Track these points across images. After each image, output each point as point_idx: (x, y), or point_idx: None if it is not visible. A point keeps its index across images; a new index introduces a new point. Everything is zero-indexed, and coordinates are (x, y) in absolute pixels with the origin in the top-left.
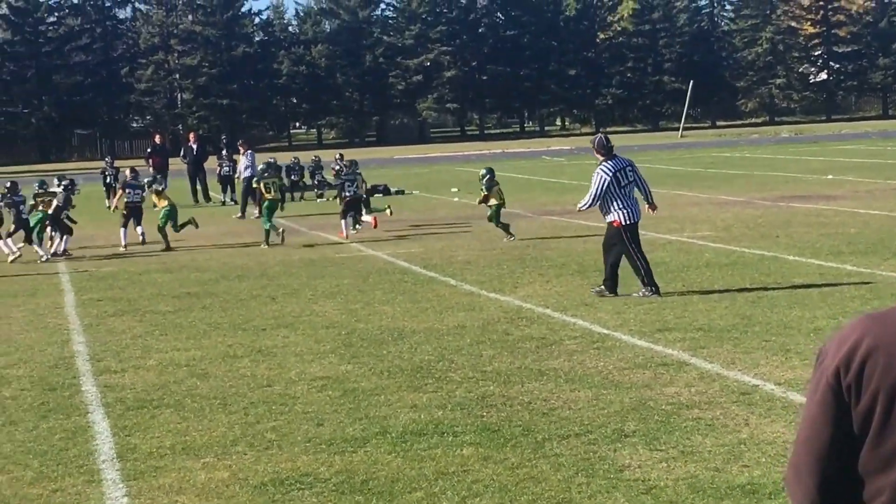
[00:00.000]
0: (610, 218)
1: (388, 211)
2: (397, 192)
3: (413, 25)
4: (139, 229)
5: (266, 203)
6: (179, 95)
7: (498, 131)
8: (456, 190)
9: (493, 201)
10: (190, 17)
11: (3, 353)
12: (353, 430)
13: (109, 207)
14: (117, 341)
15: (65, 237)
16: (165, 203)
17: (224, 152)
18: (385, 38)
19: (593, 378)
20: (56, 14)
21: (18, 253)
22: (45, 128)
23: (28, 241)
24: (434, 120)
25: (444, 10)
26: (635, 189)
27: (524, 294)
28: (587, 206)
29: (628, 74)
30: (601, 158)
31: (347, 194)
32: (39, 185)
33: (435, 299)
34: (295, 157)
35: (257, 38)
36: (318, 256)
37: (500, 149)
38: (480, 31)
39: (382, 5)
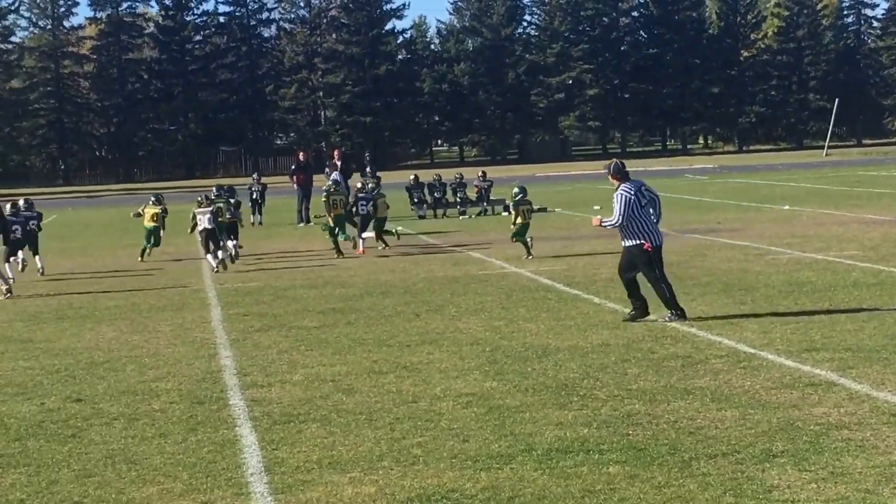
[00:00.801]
0: (636, 241)
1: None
2: (539, 210)
3: (555, 44)
4: (231, 243)
5: (334, 217)
6: (323, 113)
7: (640, 149)
8: (598, 208)
9: (518, 220)
10: (334, 35)
11: (151, 367)
12: (498, 446)
13: (253, 224)
14: (264, 356)
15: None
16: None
17: (368, 169)
18: (527, 55)
19: (740, 397)
20: (202, 33)
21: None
22: (191, 144)
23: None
24: (576, 137)
25: (587, 28)
26: (651, 213)
27: (668, 313)
28: (613, 224)
29: (772, 92)
30: (617, 183)
31: (362, 212)
32: (205, 198)
33: (578, 317)
34: (437, 175)
35: (400, 57)
36: (461, 273)
37: (642, 167)
38: (623, 48)
39: (525, 23)
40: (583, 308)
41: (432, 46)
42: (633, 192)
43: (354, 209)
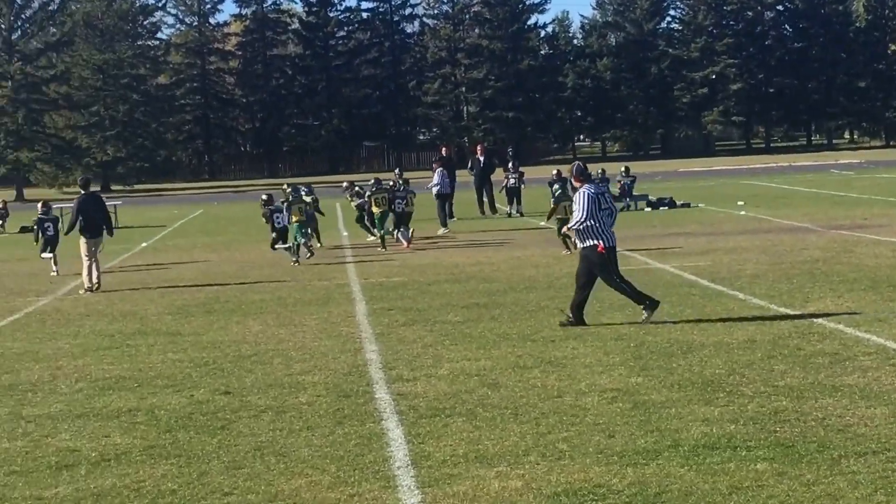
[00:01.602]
0: (591, 242)
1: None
2: (682, 205)
3: (699, 38)
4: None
5: (378, 216)
6: (465, 108)
7: (784, 144)
8: (742, 203)
9: (559, 215)
10: (477, 30)
11: (298, 360)
12: (644, 442)
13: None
14: (408, 350)
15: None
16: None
17: (511, 164)
18: (670, 50)
19: (890, 395)
20: (346, 29)
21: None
22: (335, 140)
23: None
24: (719, 133)
25: (731, 23)
26: (611, 219)
27: (815, 309)
28: (580, 222)
29: None
30: (578, 185)
31: (398, 210)
32: (293, 191)
33: (723, 313)
34: None
35: (542, 52)
36: None
37: (786, 162)
38: (767, 43)
39: (668, 18)
40: (727, 304)
41: (575, 41)
42: (595, 194)
43: (392, 207)
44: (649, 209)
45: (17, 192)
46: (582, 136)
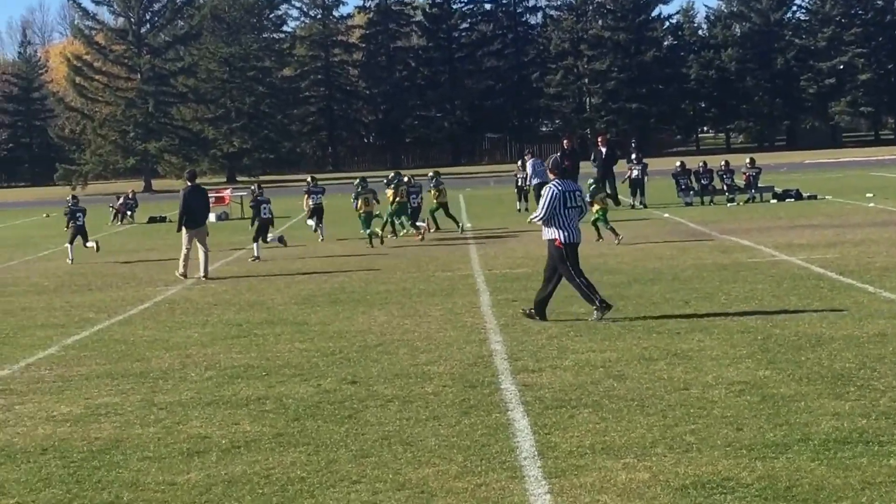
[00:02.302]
0: (550, 236)
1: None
2: (809, 197)
3: (826, 28)
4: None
5: (396, 207)
6: (588, 100)
7: None
8: (871, 195)
9: (596, 207)
10: (600, 22)
11: (424, 350)
12: (773, 435)
13: (519, 210)
14: (533, 341)
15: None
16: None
17: (634, 156)
18: (797, 40)
19: None
20: (469, 20)
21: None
22: (458, 131)
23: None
24: (847, 124)
25: (859, 12)
26: (578, 217)
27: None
28: (540, 218)
29: None
30: (552, 177)
31: (413, 204)
32: (362, 182)
33: (853, 306)
34: (703, 162)
35: (666, 43)
36: (729, 261)
37: None
38: None
39: (794, 7)
40: (857, 297)
41: (700, 32)
42: (561, 189)
43: (407, 201)
44: (775, 201)
45: (146, 183)
46: (706, 128)
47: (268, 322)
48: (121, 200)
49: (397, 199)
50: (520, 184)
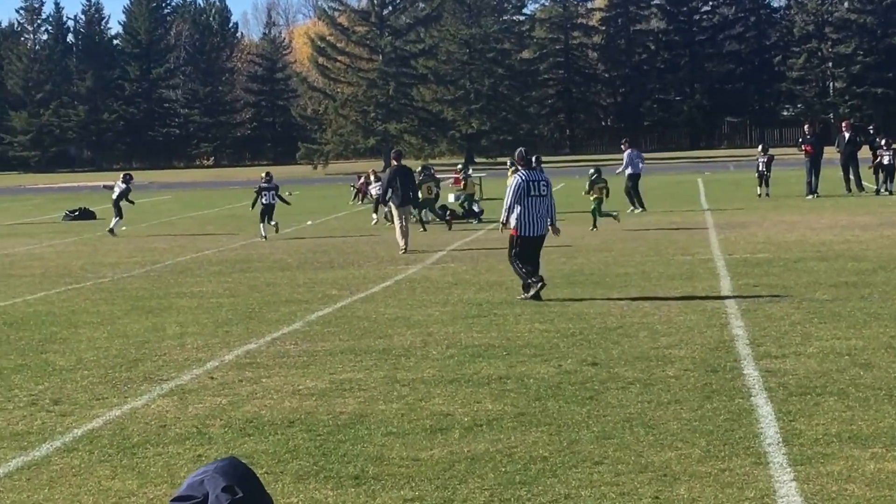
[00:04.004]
0: (512, 223)
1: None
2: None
3: None
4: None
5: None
6: (832, 84)
7: None
8: None
9: (594, 195)
10: (846, 4)
11: (664, 334)
12: None
13: (759, 195)
14: (776, 327)
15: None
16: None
17: (884, 141)
18: None
19: None
20: (710, 3)
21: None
22: (697, 115)
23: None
24: None
25: None
26: (545, 207)
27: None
28: (505, 209)
29: None
30: (519, 167)
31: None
32: (423, 170)
33: None
34: None
35: None
36: None
37: None
38: None
39: None
40: None
41: None
42: (525, 180)
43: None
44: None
45: (385, 163)
46: None
47: (507, 302)
48: (362, 180)
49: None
50: (760, 168)
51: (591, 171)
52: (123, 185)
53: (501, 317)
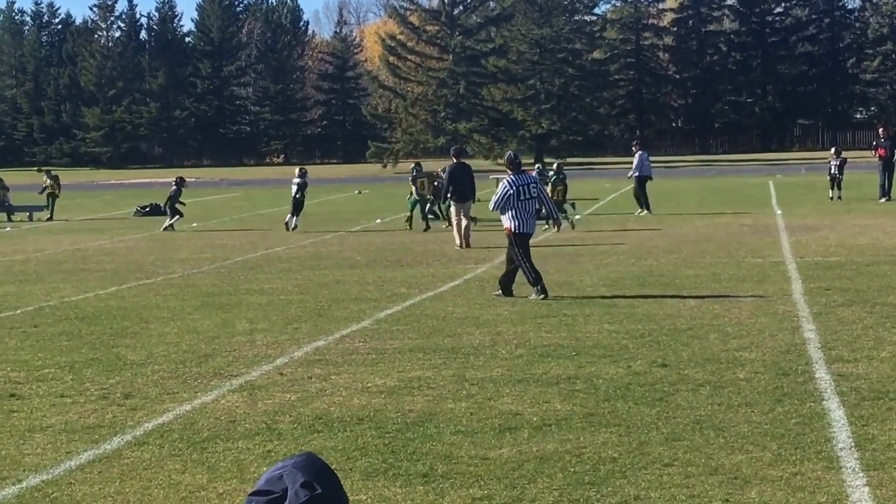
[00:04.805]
0: (505, 224)
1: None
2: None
3: None
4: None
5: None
6: None
7: None
8: None
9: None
10: None
11: (735, 336)
12: None
13: (832, 199)
14: (847, 331)
15: None
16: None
17: None
18: None
19: None
20: (783, 4)
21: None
22: (768, 118)
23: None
24: None
25: None
26: (536, 205)
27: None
28: (491, 209)
29: None
30: (509, 172)
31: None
32: (416, 167)
33: None
34: None
35: None
36: None
37: None
38: None
39: None
40: None
41: None
42: (514, 187)
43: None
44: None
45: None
46: None
47: (576, 303)
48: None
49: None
50: (832, 171)
51: (552, 172)
52: (175, 188)
53: (570, 317)
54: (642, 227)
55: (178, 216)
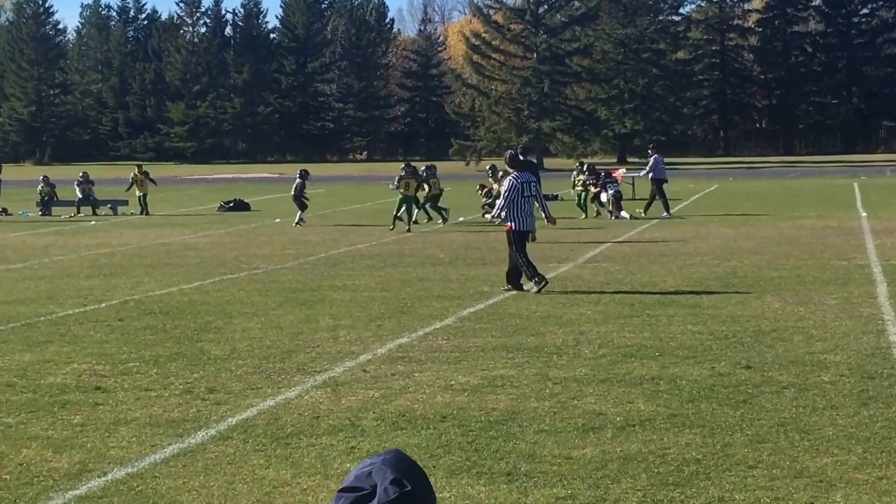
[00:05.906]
0: (508, 223)
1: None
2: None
3: None
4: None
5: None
6: None
7: None
8: None
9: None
10: None
11: (819, 339)
12: None
13: None
14: None
15: None
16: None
17: None
18: None
19: None
20: (870, 6)
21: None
22: (853, 119)
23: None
24: None
25: None
26: (535, 204)
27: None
28: (501, 208)
29: None
30: (511, 170)
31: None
32: (407, 167)
33: None
34: None
35: None
36: None
37: None
38: None
39: None
40: None
41: None
42: (519, 181)
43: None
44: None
45: (537, 161)
46: None
47: (660, 303)
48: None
49: (402, 190)
50: None
51: (489, 167)
52: (299, 180)
53: (654, 317)
54: (727, 228)
55: (304, 209)
